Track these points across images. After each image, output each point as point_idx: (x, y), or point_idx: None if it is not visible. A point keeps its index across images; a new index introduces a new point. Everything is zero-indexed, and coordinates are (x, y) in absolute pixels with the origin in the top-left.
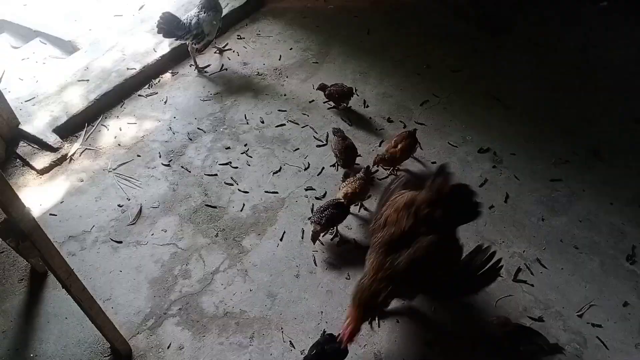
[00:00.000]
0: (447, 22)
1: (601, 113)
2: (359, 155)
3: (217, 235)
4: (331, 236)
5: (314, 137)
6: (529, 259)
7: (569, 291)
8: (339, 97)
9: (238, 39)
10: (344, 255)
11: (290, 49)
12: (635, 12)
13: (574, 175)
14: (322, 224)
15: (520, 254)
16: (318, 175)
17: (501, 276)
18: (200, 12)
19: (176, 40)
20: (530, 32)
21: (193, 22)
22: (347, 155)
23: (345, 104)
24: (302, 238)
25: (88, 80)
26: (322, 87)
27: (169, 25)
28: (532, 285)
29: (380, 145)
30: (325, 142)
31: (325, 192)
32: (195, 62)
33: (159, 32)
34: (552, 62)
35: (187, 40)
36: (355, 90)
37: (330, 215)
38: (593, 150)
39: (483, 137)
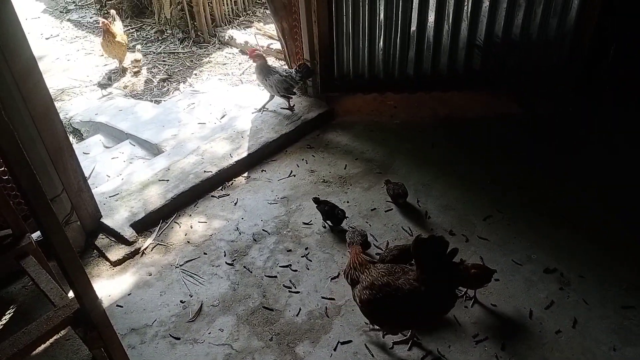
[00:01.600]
0: (513, 138)
1: None
2: None
3: (271, 340)
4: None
5: (374, 244)
6: None
7: None
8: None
9: (308, 148)
10: None
11: (356, 159)
12: None
13: None
14: None
15: None
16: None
17: None
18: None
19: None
20: (600, 152)
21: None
22: None
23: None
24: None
25: (168, 180)
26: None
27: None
28: None
29: None
30: (385, 250)
31: None
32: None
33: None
34: (622, 184)
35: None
36: (418, 202)
37: None
38: None
39: (549, 257)
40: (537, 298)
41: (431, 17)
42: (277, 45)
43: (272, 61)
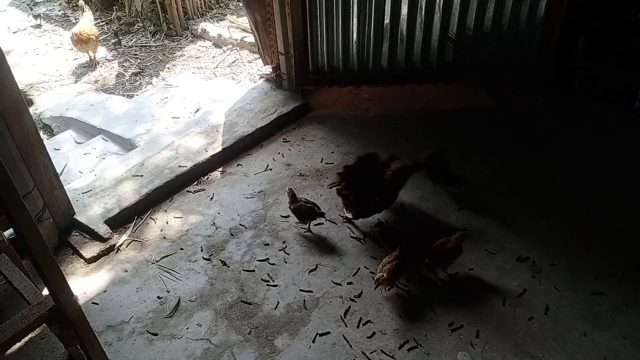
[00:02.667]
0: (485, 131)
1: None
2: None
3: (250, 333)
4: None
5: (351, 236)
6: None
7: None
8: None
9: (284, 141)
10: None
11: (332, 152)
12: None
13: (617, 289)
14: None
15: None
16: (354, 275)
17: None
18: None
19: None
20: (567, 143)
21: None
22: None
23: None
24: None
25: (142, 175)
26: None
27: None
28: None
29: None
30: (363, 241)
31: (361, 292)
32: None
33: None
34: (591, 174)
35: None
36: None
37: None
38: (636, 264)
39: (521, 246)
40: (511, 286)
41: (404, 10)
42: (250, 38)
43: (246, 54)
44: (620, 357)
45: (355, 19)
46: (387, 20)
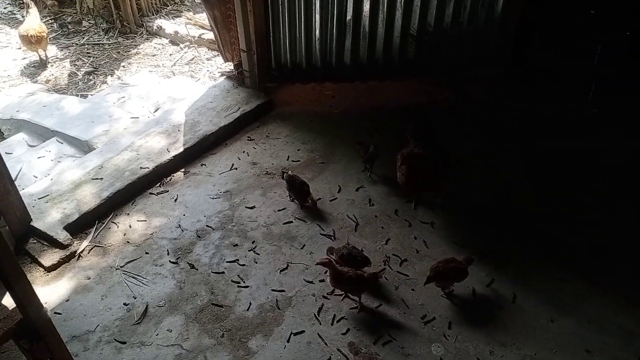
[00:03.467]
0: (447, 124)
1: (607, 211)
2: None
3: (222, 336)
4: None
5: (321, 234)
6: None
7: None
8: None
9: (248, 140)
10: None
11: (298, 150)
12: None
13: (580, 275)
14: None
15: (532, 356)
16: (326, 272)
17: None
18: None
19: None
20: (528, 134)
21: None
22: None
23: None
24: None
25: (102, 178)
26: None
27: None
28: None
29: (386, 244)
30: (333, 238)
31: (333, 290)
32: None
33: None
34: (548, 163)
35: None
36: (361, 189)
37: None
38: (596, 249)
39: (486, 237)
40: (479, 277)
41: (366, 6)
42: (208, 35)
43: (204, 51)
44: (586, 340)
45: (317, 15)
46: (349, 16)
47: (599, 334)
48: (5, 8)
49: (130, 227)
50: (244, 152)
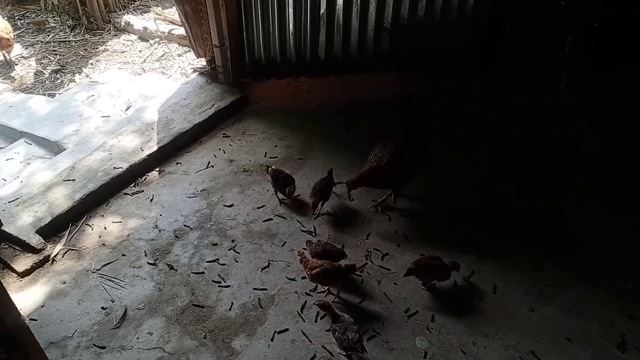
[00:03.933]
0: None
1: (583, 202)
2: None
3: (205, 337)
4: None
5: (301, 230)
6: (523, 352)
7: None
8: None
9: (224, 137)
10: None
11: (275, 146)
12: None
13: (559, 264)
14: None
15: (514, 346)
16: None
17: None
18: None
19: None
20: (499, 125)
21: None
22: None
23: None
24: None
25: (74, 179)
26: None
27: None
28: None
29: (367, 238)
30: (314, 234)
31: (316, 286)
32: None
33: None
34: (522, 156)
35: None
36: (342, 182)
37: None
38: (575, 239)
39: (466, 228)
40: (460, 268)
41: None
42: (179, 31)
43: (175, 47)
44: (566, 328)
45: (291, 9)
46: (322, 10)
47: (579, 322)
48: None
49: (106, 229)
50: (220, 149)
